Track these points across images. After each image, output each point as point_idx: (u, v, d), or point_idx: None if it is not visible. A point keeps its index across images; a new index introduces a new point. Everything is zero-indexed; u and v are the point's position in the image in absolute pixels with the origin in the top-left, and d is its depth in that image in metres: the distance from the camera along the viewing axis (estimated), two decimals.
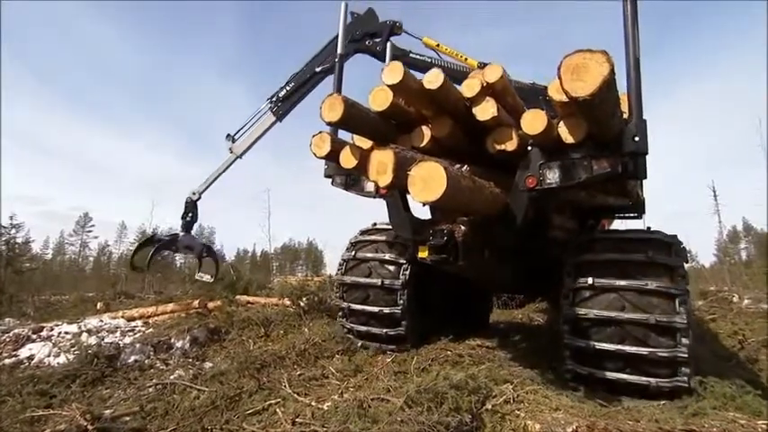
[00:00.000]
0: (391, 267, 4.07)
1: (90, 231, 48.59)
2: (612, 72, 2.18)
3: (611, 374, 2.97)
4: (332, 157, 3.36)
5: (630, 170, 2.78)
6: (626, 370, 2.95)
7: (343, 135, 3.65)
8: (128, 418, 2.57)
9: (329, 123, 3.02)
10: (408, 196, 3.61)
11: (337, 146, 3.31)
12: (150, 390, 3.12)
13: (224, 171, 7.25)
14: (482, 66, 5.20)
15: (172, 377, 3.41)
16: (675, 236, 3.26)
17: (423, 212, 3.94)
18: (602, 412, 2.67)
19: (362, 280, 4.09)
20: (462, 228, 3.13)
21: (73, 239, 48.67)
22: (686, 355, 2.79)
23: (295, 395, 2.90)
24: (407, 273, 3.99)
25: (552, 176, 2.93)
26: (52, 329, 5.14)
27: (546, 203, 3.45)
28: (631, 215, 5.08)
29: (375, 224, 4.51)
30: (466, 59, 5.71)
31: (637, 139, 2.69)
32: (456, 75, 4.58)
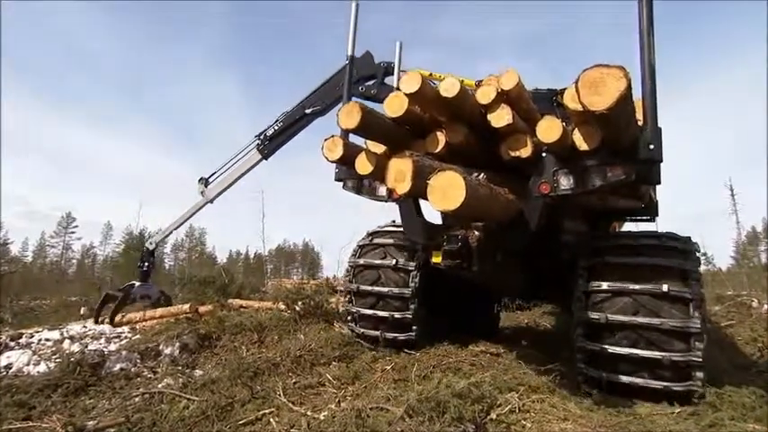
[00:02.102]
0: (406, 252, 4.25)
1: (73, 232, 48.68)
2: (629, 87, 2.30)
3: (622, 350, 3.09)
4: (344, 161, 3.49)
5: (644, 176, 2.91)
6: (639, 345, 3.06)
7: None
8: (112, 430, 2.57)
9: (346, 130, 3.17)
10: (421, 200, 3.77)
11: (349, 150, 3.45)
12: (137, 399, 3.12)
13: (189, 218, 7.38)
14: (479, 84, 5.46)
15: (160, 386, 3.40)
16: (689, 237, 3.40)
17: (434, 216, 4.02)
18: (612, 422, 2.68)
19: (376, 261, 4.32)
20: (476, 233, 3.27)
21: (55, 241, 48.75)
22: (699, 326, 2.90)
23: (290, 404, 2.91)
24: (422, 258, 4.12)
25: (566, 183, 3.08)
26: (32, 336, 5.13)
27: (559, 209, 3.58)
28: (644, 218, 5.15)
29: (393, 221, 4.68)
30: (462, 81, 5.84)
31: (652, 147, 2.81)
32: None
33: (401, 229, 4.35)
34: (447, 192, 2.32)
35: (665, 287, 3.01)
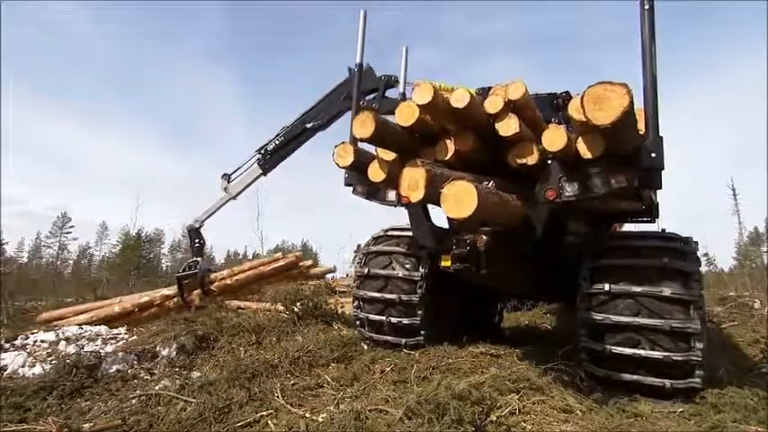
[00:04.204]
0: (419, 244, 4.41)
1: (69, 233, 48.60)
2: (632, 103, 2.44)
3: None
4: (354, 167, 3.64)
5: (646, 183, 3.05)
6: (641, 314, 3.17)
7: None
8: None
9: (360, 140, 3.31)
10: (429, 205, 3.87)
11: (359, 156, 3.59)
12: (133, 401, 3.12)
13: (219, 208, 7.68)
14: (480, 91, 5.69)
15: (157, 388, 3.40)
16: (690, 237, 3.55)
17: (441, 219, 4.12)
18: (614, 424, 2.68)
19: (389, 248, 4.58)
20: (484, 237, 3.41)
21: (50, 241, 48.65)
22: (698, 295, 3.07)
23: (288, 406, 2.91)
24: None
25: (571, 189, 3.21)
26: (27, 338, 5.13)
27: (563, 212, 3.72)
28: (644, 219, 5.30)
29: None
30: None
31: (653, 155, 2.93)
32: None
33: None
34: (460, 200, 2.45)
35: (665, 259, 3.23)
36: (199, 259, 7.08)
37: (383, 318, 4.38)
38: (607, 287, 3.31)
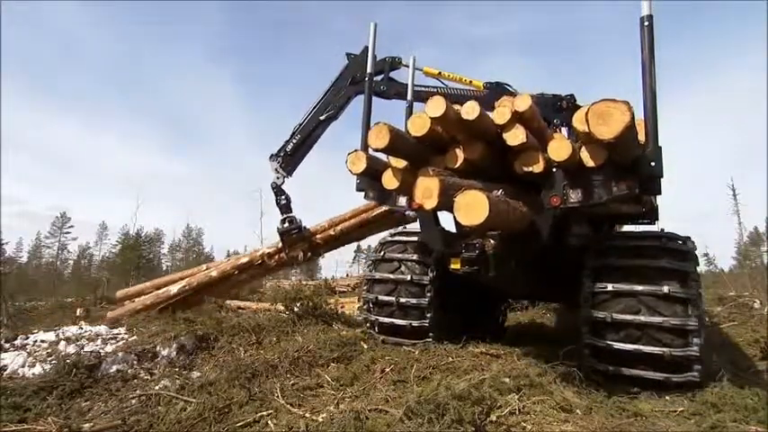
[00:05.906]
0: None
1: (68, 233, 48.53)
2: (633, 119, 2.57)
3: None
4: (366, 173, 3.82)
5: (646, 189, 3.20)
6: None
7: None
8: None
9: (376, 150, 3.46)
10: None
11: (372, 163, 3.76)
12: (133, 401, 3.12)
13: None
14: (487, 86, 5.95)
15: (156, 388, 3.40)
16: (688, 237, 3.69)
17: (449, 221, 4.25)
18: (613, 424, 2.68)
19: (404, 238, 4.93)
20: (492, 241, 3.58)
21: (50, 241, 48.60)
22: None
23: (288, 406, 2.91)
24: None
25: (575, 196, 3.35)
26: (27, 338, 5.13)
27: (567, 217, 3.87)
28: (644, 221, 5.44)
29: None
30: (470, 82, 6.12)
31: (653, 164, 3.07)
32: (462, 99, 4.84)
33: None
34: (472, 208, 2.57)
35: (664, 240, 3.48)
36: (293, 214, 6.94)
37: (392, 298, 4.53)
38: (609, 262, 3.59)
